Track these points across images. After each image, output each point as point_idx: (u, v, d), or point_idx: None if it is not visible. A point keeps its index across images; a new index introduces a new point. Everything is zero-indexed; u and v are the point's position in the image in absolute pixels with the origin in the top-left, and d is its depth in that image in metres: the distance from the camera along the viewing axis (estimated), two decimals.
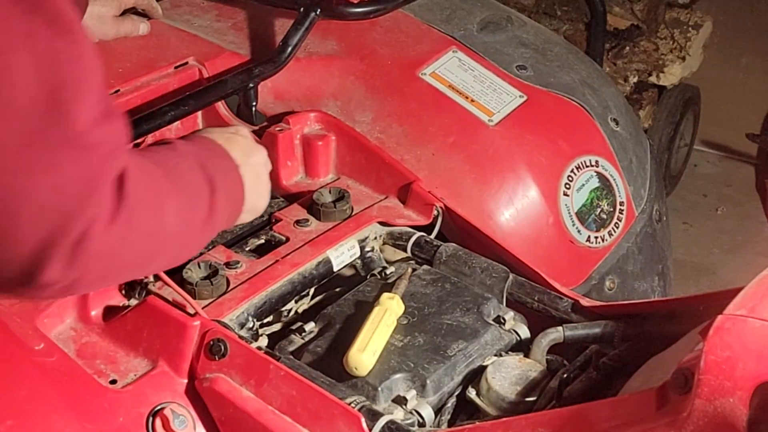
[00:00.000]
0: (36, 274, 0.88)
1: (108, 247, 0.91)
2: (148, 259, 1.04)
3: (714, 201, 3.36)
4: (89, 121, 0.86)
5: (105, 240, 0.90)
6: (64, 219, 0.86)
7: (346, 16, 1.65)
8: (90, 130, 0.86)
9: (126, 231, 0.93)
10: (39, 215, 0.85)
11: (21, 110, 0.82)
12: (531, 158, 1.61)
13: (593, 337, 1.24)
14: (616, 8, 3.10)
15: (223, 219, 1.14)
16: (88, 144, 0.86)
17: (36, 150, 0.84)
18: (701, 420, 0.87)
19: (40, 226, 0.86)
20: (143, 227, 0.96)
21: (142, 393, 1.16)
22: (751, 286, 0.92)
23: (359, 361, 1.16)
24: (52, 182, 0.85)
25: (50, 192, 0.85)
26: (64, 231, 0.87)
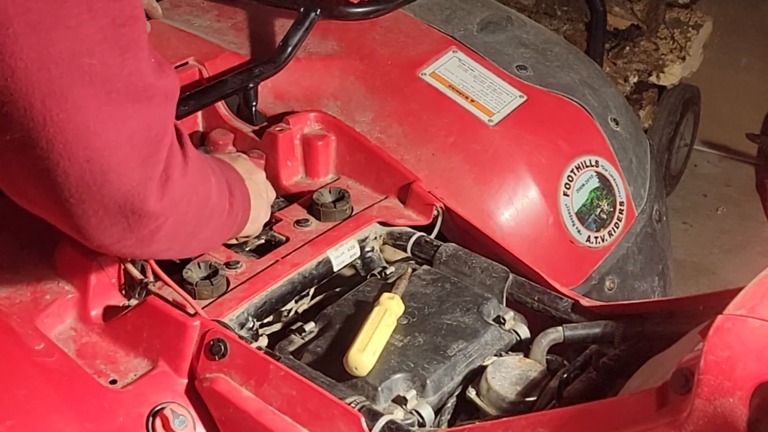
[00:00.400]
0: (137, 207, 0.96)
1: (182, 193, 1.00)
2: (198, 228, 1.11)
3: (714, 201, 3.36)
4: (151, 74, 0.94)
5: (182, 186, 1.00)
6: (146, 163, 0.95)
7: (346, 16, 1.65)
8: (152, 82, 0.94)
9: (191, 184, 1.02)
10: (125, 165, 0.93)
11: (97, 74, 0.89)
12: (531, 158, 1.61)
13: (593, 337, 1.24)
14: (616, 8, 3.10)
15: (238, 219, 1.22)
16: (152, 95, 0.94)
17: (113, 108, 0.91)
18: (701, 420, 0.87)
19: (130, 174, 0.93)
20: (199, 190, 1.06)
21: (142, 393, 1.16)
22: (751, 286, 0.92)
23: (359, 361, 1.16)
24: (130, 135, 0.92)
25: (129, 143, 0.92)
26: (148, 173, 0.95)
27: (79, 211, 0.94)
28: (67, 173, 0.91)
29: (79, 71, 0.88)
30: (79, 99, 0.88)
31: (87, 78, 0.88)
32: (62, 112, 0.88)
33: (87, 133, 0.89)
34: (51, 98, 0.87)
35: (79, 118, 0.89)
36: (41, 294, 1.23)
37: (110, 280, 1.25)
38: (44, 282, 1.24)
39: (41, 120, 0.87)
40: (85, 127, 0.89)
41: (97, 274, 1.23)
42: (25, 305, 1.21)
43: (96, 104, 0.89)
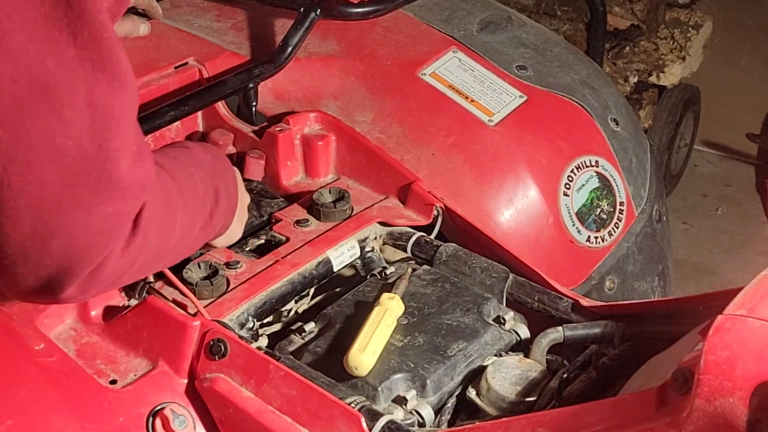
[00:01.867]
0: (54, 292, 0.97)
1: (119, 269, 0.99)
2: (150, 269, 1.13)
3: (714, 201, 3.36)
4: (128, 165, 0.92)
5: (117, 264, 0.98)
6: (89, 251, 0.94)
7: (346, 16, 1.65)
8: (127, 174, 0.92)
9: (136, 254, 0.99)
10: (67, 246, 0.92)
11: (70, 155, 0.88)
12: (531, 158, 1.61)
13: (593, 337, 1.24)
14: (616, 8, 3.10)
15: (214, 231, 1.22)
16: (123, 186, 0.92)
17: (77, 190, 0.90)
18: (701, 420, 0.87)
19: (66, 255, 0.93)
20: (152, 247, 1.02)
21: (142, 393, 1.16)
22: (751, 286, 0.92)
23: (359, 361, 1.16)
24: (86, 220, 0.92)
25: (82, 228, 0.92)
26: (86, 261, 0.94)
27: (13, 271, 0.94)
28: (9, 236, 0.91)
29: (49, 148, 0.87)
30: (42, 174, 0.88)
31: (56, 156, 0.88)
32: (21, 181, 0.88)
33: (41, 204, 0.89)
34: (14, 166, 0.87)
35: (37, 190, 0.88)
36: None
37: None
38: None
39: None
40: (41, 198, 0.89)
41: None
42: (26, 305, 1.21)
43: (61, 182, 0.89)
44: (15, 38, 0.83)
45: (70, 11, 0.84)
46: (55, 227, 0.91)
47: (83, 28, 0.85)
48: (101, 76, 0.87)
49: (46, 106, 0.86)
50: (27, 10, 0.83)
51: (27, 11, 0.83)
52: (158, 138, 1.53)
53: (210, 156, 1.23)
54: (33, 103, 0.85)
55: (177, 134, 1.57)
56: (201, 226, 1.16)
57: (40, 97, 0.85)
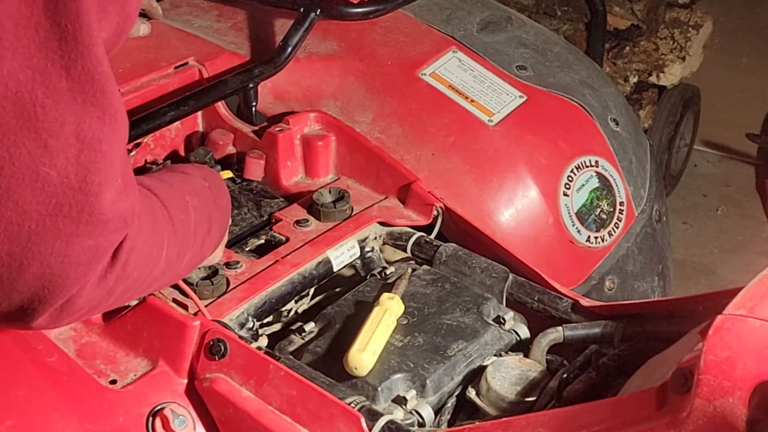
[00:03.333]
0: (24, 319, 0.95)
1: (94, 299, 0.97)
2: (131, 297, 1.12)
3: (714, 201, 3.36)
4: (111, 199, 0.91)
5: (92, 295, 0.96)
6: (64, 282, 0.92)
7: (346, 17, 1.65)
8: (110, 207, 0.91)
9: (114, 285, 0.98)
10: (42, 275, 0.91)
11: (53, 184, 0.87)
12: (531, 158, 1.61)
13: (593, 337, 1.24)
14: (616, 8, 3.10)
15: (205, 257, 1.21)
16: (105, 219, 0.91)
17: (58, 220, 0.88)
18: (701, 420, 0.87)
19: (41, 284, 0.91)
20: (131, 278, 1.00)
21: (142, 393, 1.16)
22: (751, 286, 0.92)
23: (359, 361, 1.16)
24: (65, 250, 0.90)
25: (60, 258, 0.90)
26: (60, 292, 0.92)
27: None
28: None
29: (32, 176, 0.86)
30: (23, 201, 0.87)
31: (39, 185, 0.86)
32: (1, 207, 0.86)
33: (19, 231, 0.88)
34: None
35: (16, 217, 0.87)
36: None
37: None
38: None
39: None
40: (20, 226, 0.87)
41: None
42: None
43: (42, 211, 0.87)
44: (5, 65, 0.82)
45: (65, 42, 0.83)
46: (32, 255, 0.89)
47: (77, 60, 0.84)
48: (92, 110, 0.86)
49: (32, 135, 0.85)
50: (20, 39, 0.82)
51: (20, 39, 0.82)
52: (158, 138, 1.53)
53: (208, 183, 1.21)
54: (18, 131, 0.84)
55: (177, 134, 1.57)
56: (191, 255, 1.14)
57: (26, 125, 0.84)
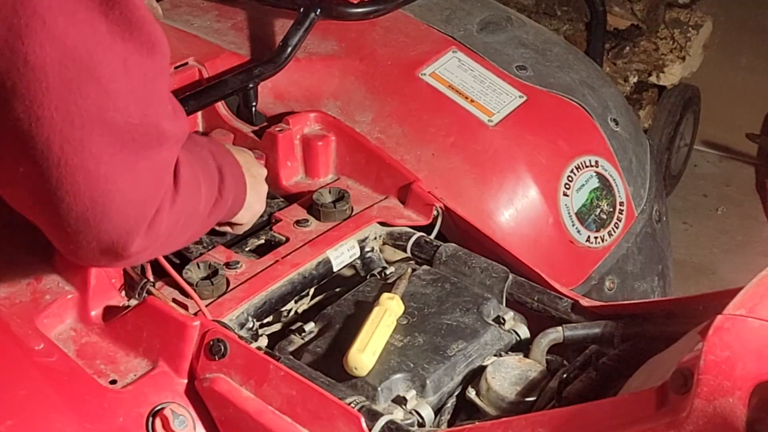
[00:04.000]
0: (119, 252, 1.01)
1: (170, 224, 1.04)
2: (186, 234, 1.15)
3: (714, 201, 3.36)
4: (167, 123, 0.98)
5: (168, 219, 1.03)
6: (143, 206, 0.99)
7: (346, 17, 1.65)
8: (166, 129, 0.98)
9: (180, 209, 1.05)
10: (124, 208, 0.97)
11: (119, 126, 0.93)
12: (531, 158, 1.61)
13: (593, 337, 1.24)
14: (616, 8, 3.10)
15: (226, 207, 1.23)
16: (164, 141, 0.98)
17: (126, 156, 0.95)
18: (701, 420, 0.87)
19: (124, 217, 0.98)
20: (189, 208, 1.08)
21: (142, 393, 1.16)
22: (750, 286, 0.92)
23: (359, 361, 1.16)
24: (136, 179, 0.97)
25: (133, 188, 0.97)
26: (142, 217, 1.00)
27: (75, 239, 0.99)
28: (70, 208, 0.95)
29: (100, 123, 0.92)
30: (95, 148, 0.93)
31: (107, 130, 0.92)
32: (77, 158, 0.92)
33: (96, 176, 0.94)
34: (69, 145, 0.92)
35: (91, 164, 0.93)
36: (41, 294, 1.23)
37: (110, 280, 1.25)
38: (44, 282, 1.24)
39: (56, 162, 0.92)
40: (96, 171, 0.94)
41: (97, 274, 1.23)
42: (25, 305, 1.21)
43: (111, 152, 0.94)
44: (58, 24, 0.87)
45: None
46: (111, 195, 0.95)
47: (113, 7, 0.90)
48: (131, 46, 0.91)
49: (94, 85, 0.90)
50: None
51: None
52: None
53: (206, 140, 1.26)
54: (82, 84, 0.90)
55: None
56: (214, 201, 1.18)
57: (87, 77, 0.89)
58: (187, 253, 1.35)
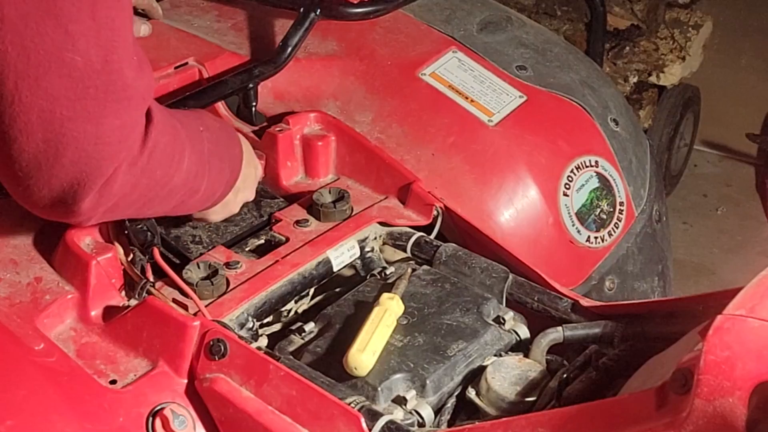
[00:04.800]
0: (68, 205, 1.01)
1: (127, 185, 1.03)
2: (150, 204, 1.13)
3: (714, 201, 3.36)
4: (131, 75, 0.97)
5: (126, 180, 1.02)
6: (99, 162, 0.98)
7: (346, 17, 1.65)
8: (131, 84, 0.96)
9: (140, 174, 1.03)
10: (79, 158, 0.96)
11: (78, 69, 0.92)
12: (531, 158, 1.61)
13: (593, 337, 1.24)
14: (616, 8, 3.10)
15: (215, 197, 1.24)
16: (128, 96, 0.97)
17: (86, 103, 0.94)
18: (701, 420, 0.87)
19: (78, 167, 0.97)
20: (156, 174, 1.06)
21: (142, 393, 1.16)
22: (750, 286, 0.92)
23: (359, 361, 1.16)
24: (96, 131, 0.96)
25: (93, 140, 0.96)
26: (97, 173, 0.98)
27: (27, 184, 0.99)
28: (23, 149, 0.95)
29: (58, 63, 0.91)
30: (52, 89, 0.92)
31: (65, 71, 0.91)
32: (31, 96, 0.91)
33: (51, 118, 0.93)
34: (24, 81, 0.91)
35: (47, 104, 0.92)
36: (41, 294, 1.23)
37: (110, 280, 1.25)
38: (44, 282, 1.24)
39: (10, 98, 0.92)
40: (51, 112, 0.93)
41: (97, 274, 1.23)
42: (25, 305, 1.21)
43: (71, 96, 0.92)
44: None
45: None
46: (66, 140, 0.94)
47: None
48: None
49: (53, 22, 0.89)
50: None
51: None
52: None
53: (219, 125, 1.26)
54: (40, 19, 0.89)
55: None
56: (207, 184, 1.18)
57: (46, 13, 0.89)
58: (187, 253, 1.35)
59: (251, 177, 1.36)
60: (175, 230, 1.38)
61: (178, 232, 1.37)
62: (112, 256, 1.25)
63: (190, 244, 1.36)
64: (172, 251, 1.35)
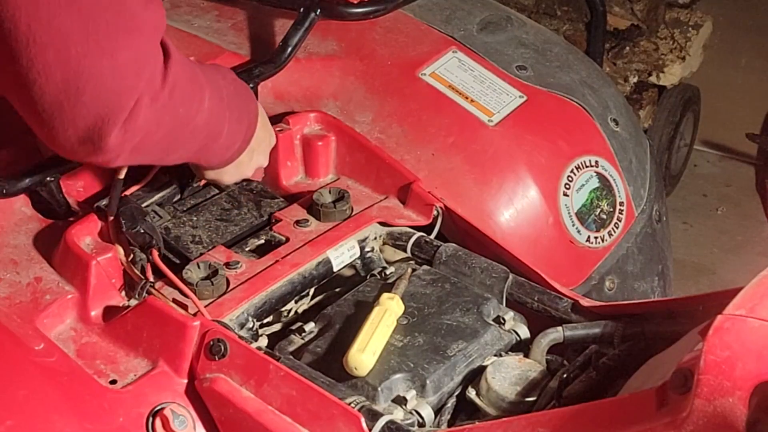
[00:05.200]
0: (96, 142, 1.03)
1: (150, 121, 1.04)
2: (174, 144, 1.15)
3: (714, 201, 3.36)
4: (139, 6, 1.00)
5: (149, 114, 1.04)
6: (120, 95, 1.00)
7: (346, 17, 1.65)
8: (140, 14, 1.00)
9: (163, 109, 1.06)
10: (99, 93, 0.99)
11: (87, 6, 0.95)
12: (531, 158, 1.61)
13: (593, 337, 1.24)
14: (616, 8, 3.10)
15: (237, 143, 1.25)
16: (139, 26, 0.99)
17: (99, 38, 0.97)
18: (701, 420, 0.87)
19: (100, 103, 0.99)
20: (179, 111, 1.09)
21: (142, 393, 1.16)
22: (750, 286, 0.92)
23: (359, 361, 1.16)
24: (112, 64, 0.98)
25: (111, 73, 0.98)
26: (119, 106, 1.01)
27: (51, 125, 1.01)
28: (43, 90, 0.97)
29: (67, 2, 0.94)
30: (64, 27, 0.94)
31: (75, 8, 0.94)
32: (45, 36, 0.94)
33: (67, 56, 0.96)
34: (36, 23, 0.93)
35: (61, 42, 0.95)
36: (41, 294, 1.23)
37: (110, 280, 1.25)
38: (44, 282, 1.24)
39: (24, 41, 0.94)
40: (66, 51, 0.95)
41: (97, 274, 1.23)
42: (25, 305, 1.21)
43: (83, 33, 0.95)
44: None
45: None
46: (85, 77, 0.97)
47: None
48: None
49: None
50: None
51: None
52: None
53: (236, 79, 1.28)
54: None
55: None
56: (228, 129, 1.19)
57: None
58: (187, 253, 1.35)
59: (266, 141, 1.38)
60: (175, 230, 1.38)
61: (178, 232, 1.37)
62: (112, 256, 1.25)
63: (190, 244, 1.36)
64: (172, 251, 1.35)
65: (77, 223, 1.28)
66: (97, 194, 1.39)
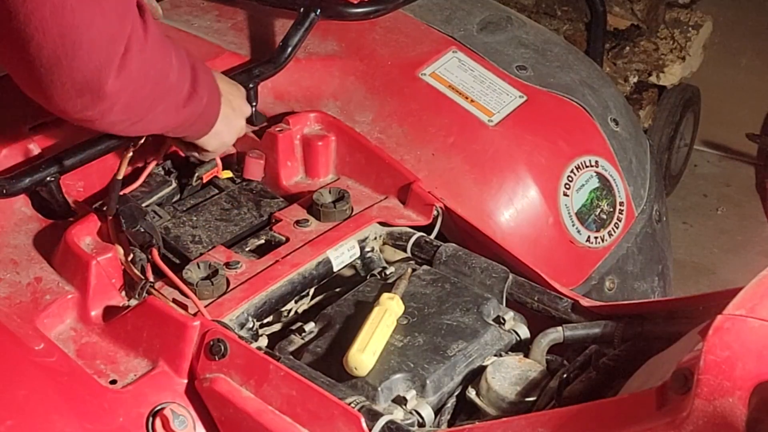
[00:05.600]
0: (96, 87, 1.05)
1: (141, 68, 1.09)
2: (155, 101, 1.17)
3: (714, 201, 3.36)
4: None
5: (138, 60, 1.08)
6: (112, 40, 1.04)
7: (346, 17, 1.65)
8: None
9: (148, 59, 1.10)
10: (95, 41, 1.02)
11: None
12: (531, 158, 1.61)
13: (593, 337, 1.24)
14: (616, 8, 3.10)
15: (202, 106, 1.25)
16: None
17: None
18: (701, 420, 0.87)
19: (97, 50, 1.03)
20: (157, 65, 1.13)
21: (142, 393, 1.16)
22: (750, 286, 0.92)
23: (359, 361, 1.16)
24: (101, 11, 1.02)
25: (101, 20, 1.02)
26: (114, 50, 1.05)
27: (48, 81, 1.04)
28: (41, 46, 1.00)
29: None
30: None
31: None
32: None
33: (63, 11, 0.99)
34: None
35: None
36: (41, 294, 1.23)
37: (110, 280, 1.25)
38: (44, 282, 1.24)
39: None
40: (62, 5, 0.98)
41: (97, 274, 1.23)
42: (25, 305, 1.21)
43: None
44: None
45: None
46: (80, 30, 1.00)
47: None
48: None
49: None
50: None
51: None
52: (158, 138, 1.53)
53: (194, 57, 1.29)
54: None
55: None
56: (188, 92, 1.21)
57: None
58: (186, 253, 1.35)
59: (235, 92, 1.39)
60: (175, 230, 1.38)
61: (178, 232, 1.38)
62: (112, 256, 1.25)
63: (190, 244, 1.36)
64: (172, 251, 1.35)
65: (77, 223, 1.28)
66: (96, 194, 1.39)
